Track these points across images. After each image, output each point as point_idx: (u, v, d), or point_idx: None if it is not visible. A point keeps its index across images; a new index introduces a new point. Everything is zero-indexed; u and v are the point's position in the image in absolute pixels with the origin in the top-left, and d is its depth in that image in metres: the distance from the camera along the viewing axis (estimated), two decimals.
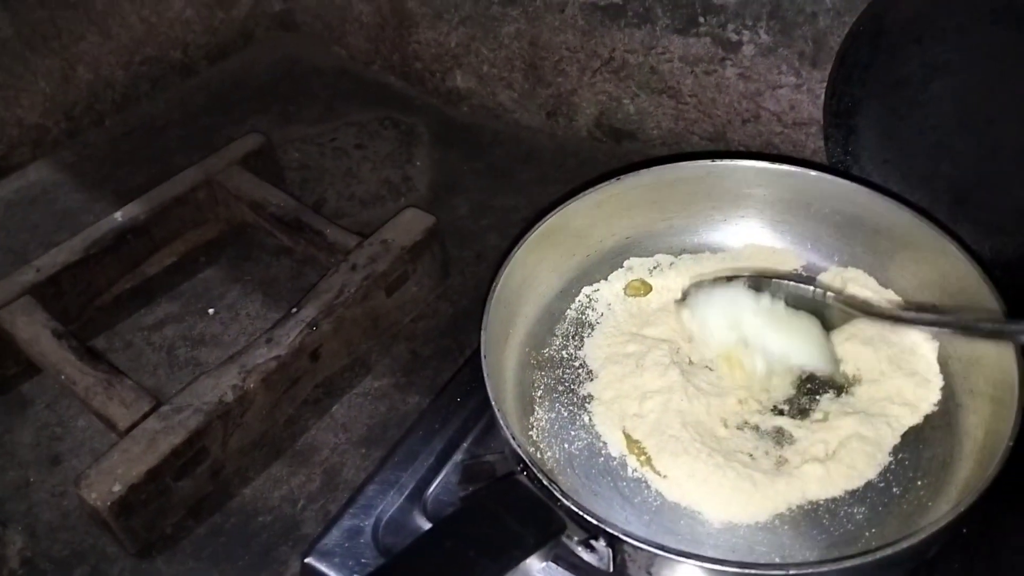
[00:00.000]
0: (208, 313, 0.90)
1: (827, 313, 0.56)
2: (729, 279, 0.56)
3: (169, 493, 0.70)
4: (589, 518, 0.42)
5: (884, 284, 0.63)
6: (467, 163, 1.08)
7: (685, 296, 0.61)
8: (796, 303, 0.55)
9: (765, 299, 0.54)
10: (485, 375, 0.50)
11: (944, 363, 0.57)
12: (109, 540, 0.71)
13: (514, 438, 0.46)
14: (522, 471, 0.44)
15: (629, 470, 0.55)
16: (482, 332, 0.53)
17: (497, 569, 0.39)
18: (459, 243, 0.96)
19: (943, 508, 0.48)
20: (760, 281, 0.56)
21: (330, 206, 1.02)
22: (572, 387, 0.61)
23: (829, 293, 0.56)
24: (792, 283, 0.58)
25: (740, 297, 0.55)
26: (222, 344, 0.87)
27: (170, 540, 0.71)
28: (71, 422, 0.81)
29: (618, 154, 1.05)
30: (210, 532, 0.72)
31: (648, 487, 0.54)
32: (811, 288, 0.57)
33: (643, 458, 0.54)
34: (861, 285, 0.61)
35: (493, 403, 0.48)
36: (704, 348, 0.56)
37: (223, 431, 0.72)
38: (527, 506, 0.42)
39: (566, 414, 0.59)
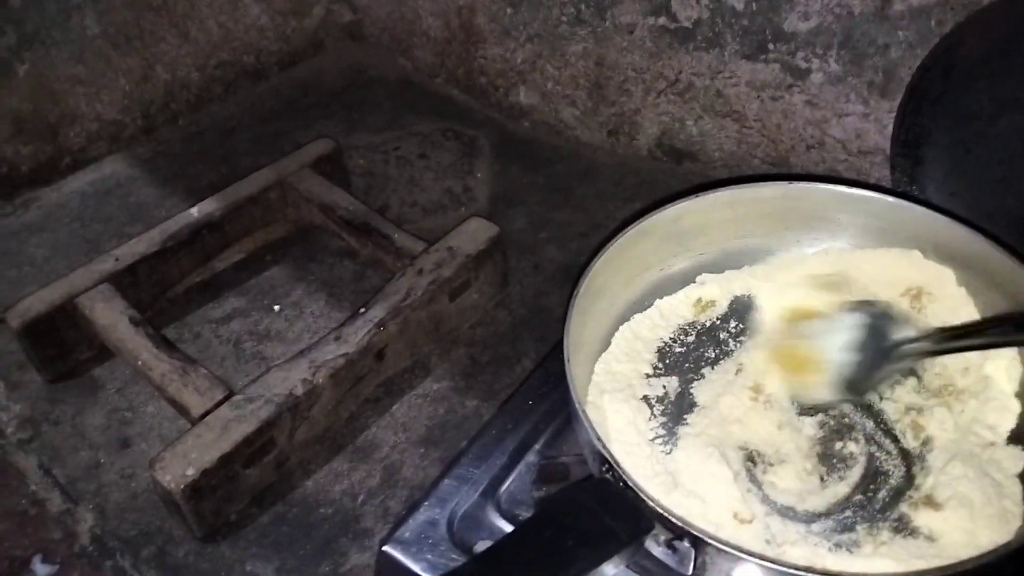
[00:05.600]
0: (274, 310, 0.93)
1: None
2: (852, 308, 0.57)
3: (237, 480, 0.72)
4: (675, 520, 0.43)
5: None
6: (526, 177, 1.10)
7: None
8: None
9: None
10: (569, 378, 0.51)
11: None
12: (176, 523, 0.73)
13: (599, 439, 0.47)
14: (607, 471, 0.46)
15: None
16: (564, 337, 0.54)
17: (594, 559, 0.40)
18: (517, 254, 0.98)
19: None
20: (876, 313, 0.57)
21: (393, 212, 1.05)
22: None
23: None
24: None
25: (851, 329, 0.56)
26: (286, 340, 0.89)
27: (234, 526, 0.73)
28: (141, 407, 0.83)
29: (678, 174, 1.06)
30: (273, 521, 0.73)
31: None
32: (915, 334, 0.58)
33: None
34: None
35: (577, 404, 0.50)
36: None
37: (291, 423, 0.74)
38: (618, 504, 0.43)
39: None
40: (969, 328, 0.60)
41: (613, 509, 0.43)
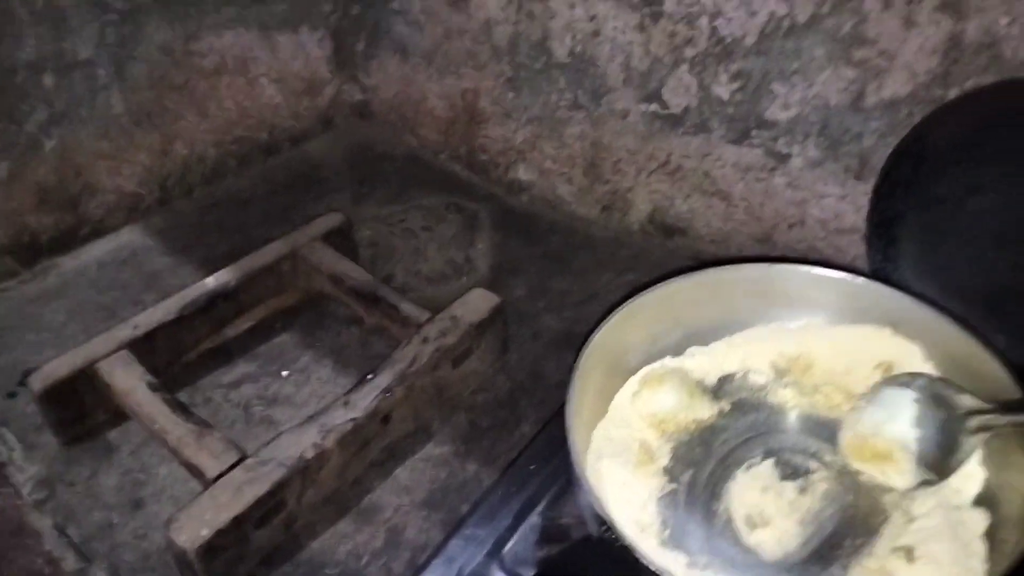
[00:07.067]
0: (282, 375, 0.96)
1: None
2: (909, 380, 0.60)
3: (248, 541, 0.74)
4: None
5: None
6: (525, 248, 1.15)
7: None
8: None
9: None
10: (570, 444, 0.55)
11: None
12: None
13: (597, 501, 0.51)
14: (606, 531, 0.50)
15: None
16: (566, 406, 0.58)
17: None
18: (517, 322, 1.02)
19: None
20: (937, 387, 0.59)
21: (398, 281, 1.09)
22: None
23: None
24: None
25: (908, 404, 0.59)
26: (294, 404, 0.93)
27: None
28: (153, 469, 0.86)
29: (668, 248, 1.12)
30: None
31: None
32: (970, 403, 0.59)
33: None
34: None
35: (578, 469, 0.54)
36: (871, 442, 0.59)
37: (301, 485, 0.77)
38: (617, 562, 0.47)
39: None
40: None
41: (612, 567, 0.47)
